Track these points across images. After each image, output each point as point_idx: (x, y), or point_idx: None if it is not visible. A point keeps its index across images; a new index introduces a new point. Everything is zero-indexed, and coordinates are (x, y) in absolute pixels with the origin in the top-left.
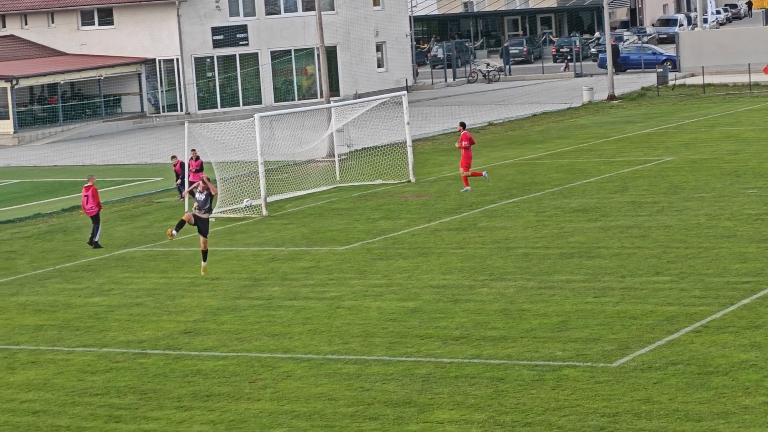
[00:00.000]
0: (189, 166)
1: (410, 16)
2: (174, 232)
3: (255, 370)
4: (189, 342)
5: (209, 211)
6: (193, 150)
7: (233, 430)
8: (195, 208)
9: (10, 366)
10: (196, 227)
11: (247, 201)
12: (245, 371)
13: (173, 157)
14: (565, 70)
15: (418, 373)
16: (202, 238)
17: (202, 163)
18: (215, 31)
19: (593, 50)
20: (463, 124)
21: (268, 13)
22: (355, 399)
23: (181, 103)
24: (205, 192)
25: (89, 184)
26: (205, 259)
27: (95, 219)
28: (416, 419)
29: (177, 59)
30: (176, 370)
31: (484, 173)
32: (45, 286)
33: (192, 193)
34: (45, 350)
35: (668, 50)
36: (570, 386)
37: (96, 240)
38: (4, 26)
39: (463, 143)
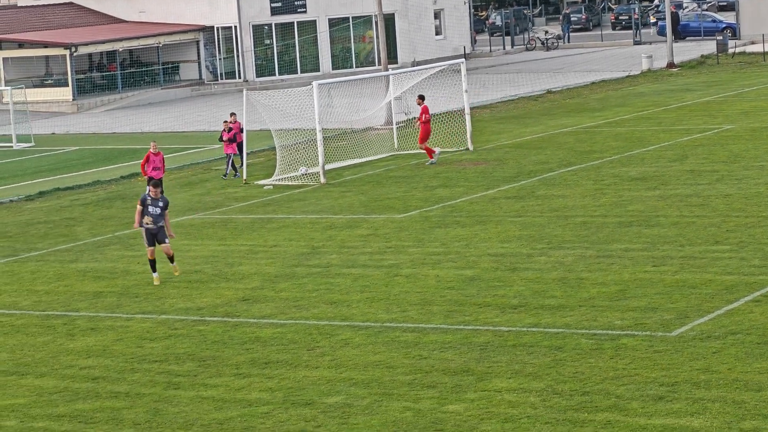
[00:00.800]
0: (227, 131)
1: None
2: (155, 275)
3: (313, 337)
4: (247, 309)
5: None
6: (233, 114)
7: (291, 398)
8: (147, 224)
9: (69, 332)
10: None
11: (303, 169)
12: (303, 339)
13: (232, 114)
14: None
15: (476, 341)
16: (163, 248)
17: (240, 127)
18: None
19: (652, 18)
20: (422, 97)
21: None
22: (413, 367)
23: (239, 71)
24: (161, 204)
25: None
26: (173, 261)
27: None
28: (474, 388)
29: (235, 27)
30: (234, 337)
31: (434, 158)
32: (104, 253)
33: (145, 209)
34: (104, 317)
35: (728, 18)
36: (628, 355)
37: None
38: None
39: (424, 117)
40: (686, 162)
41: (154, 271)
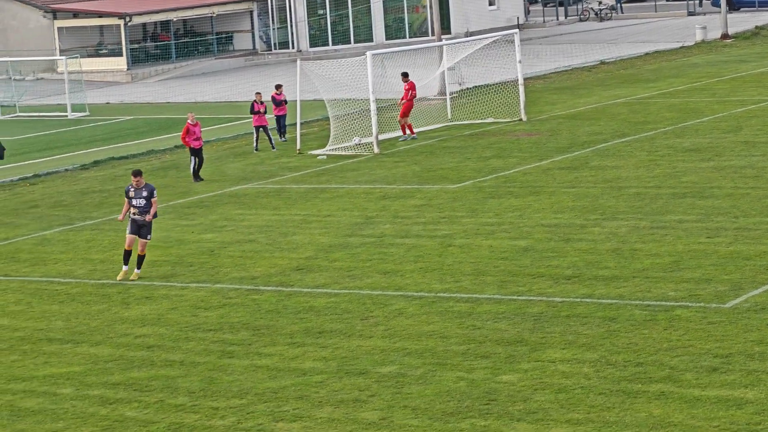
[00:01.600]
0: (253, 108)
1: None
2: (125, 268)
3: (367, 307)
4: (301, 279)
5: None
6: (278, 86)
7: (345, 367)
8: (134, 214)
9: (124, 301)
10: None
11: (357, 139)
12: (357, 308)
13: (278, 86)
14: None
15: (530, 312)
16: (141, 242)
17: (285, 99)
18: None
19: None
20: (406, 75)
21: None
22: (467, 337)
23: (292, 41)
24: (145, 193)
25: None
26: (139, 266)
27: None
28: (527, 358)
29: None
30: (288, 306)
31: (407, 136)
32: (158, 222)
33: (129, 200)
34: (159, 286)
35: None
36: (682, 327)
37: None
38: None
39: (411, 94)
40: (740, 133)
41: (126, 263)
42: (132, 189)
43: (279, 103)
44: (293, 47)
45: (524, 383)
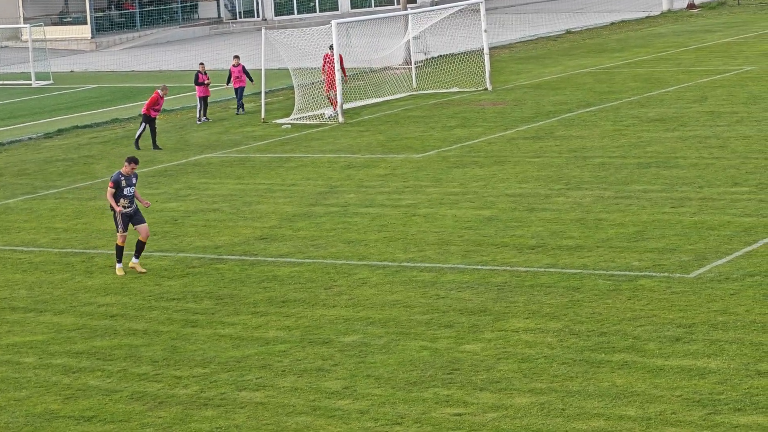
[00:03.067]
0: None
1: None
2: (119, 265)
3: (330, 276)
4: (265, 248)
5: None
6: (236, 57)
7: (308, 336)
8: (125, 207)
9: (87, 270)
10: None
11: (329, 112)
12: (321, 278)
13: (236, 57)
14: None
15: (494, 281)
16: (143, 228)
17: (244, 68)
18: None
19: None
20: (331, 47)
21: None
22: (430, 307)
23: (257, 9)
24: (134, 180)
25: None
26: (138, 255)
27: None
28: (491, 327)
29: None
30: (252, 275)
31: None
32: None
33: (119, 191)
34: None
35: None
36: (646, 296)
37: (136, 139)
38: None
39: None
40: (706, 103)
41: (120, 260)
42: (123, 177)
43: (237, 75)
44: (258, 16)
45: (487, 353)
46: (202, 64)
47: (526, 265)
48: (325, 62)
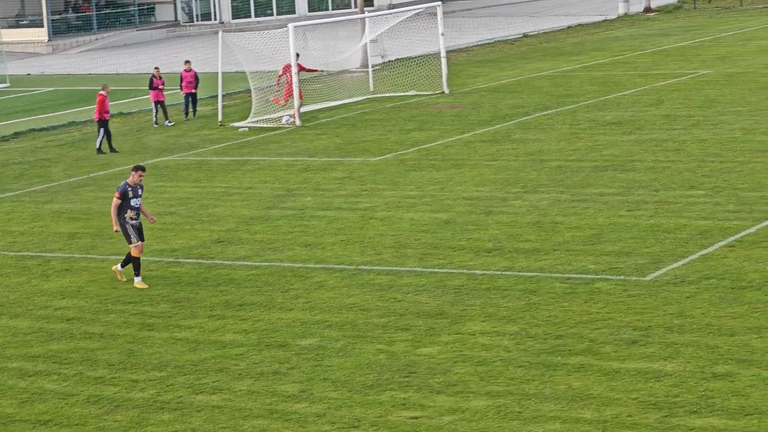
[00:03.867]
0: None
1: None
2: (138, 279)
3: (287, 279)
4: (222, 251)
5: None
6: (187, 62)
7: (265, 339)
8: (131, 219)
9: (44, 273)
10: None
11: (287, 117)
12: (278, 281)
13: (187, 62)
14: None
15: (451, 284)
16: (142, 244)
17: (196, 74)
18: None
19: None
20: (297, 55)
21: None
22: (387, 310)
23: (214, 12)
24: (140, 191)
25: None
26: (124, 265)
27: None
28: (448, 330)
29: None
30: (209, 279)
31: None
32: (79, 194)
33: (126, 203)
34: (79, 258)
35: None
36: (602, 299)
37: (98, 147)
38: None
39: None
40: (662, 107)
41: (138, 273)
42: (129, 188)
43: (189, 80)
44: (215, 19)
45: (444, 356)
46: (156, 68)
47: (483, 268)
48: (285, 71)
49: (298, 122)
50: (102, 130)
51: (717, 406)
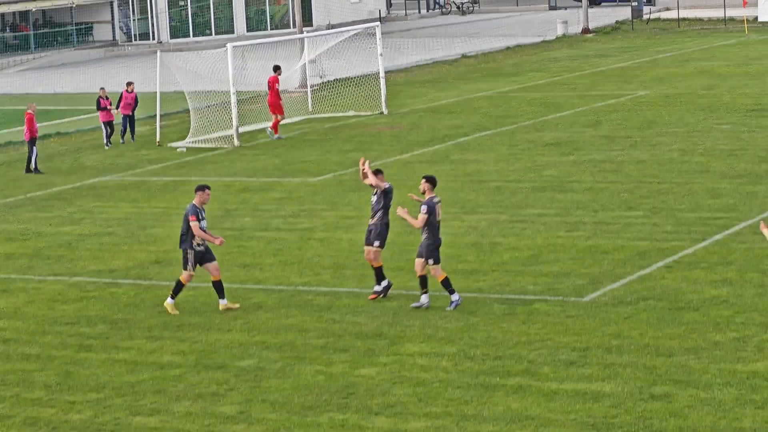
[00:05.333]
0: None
1: None
2: (171, 301)
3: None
4: (160, 272)
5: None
6: (129, 83)
7: (203, 361)
8: (198, 245)
9: None
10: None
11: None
12: (216, 302)
13: (130, 83)
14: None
15: (389, 305)
16: (213, 266)
17: (136, 96)
18: None
19: None
20: (276, 68)
21: None
22: (326, 331)
23: (153, 32)
24: (204, 213)
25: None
26: (223, 295)
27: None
28: (387, 351)
29: None
30: (147, 300)
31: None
32: (16, 215)
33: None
34: (16, 278)
35: None
36: (541, 320)
37: (31, 167)
38: None
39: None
40: (600, 128)
41: (174, 296)
42: (198, 209)
43: (129, 101)
44: (154, 38)
45: (383, 377)
46: (102, 89)
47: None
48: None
49: (236, 142)
50: (33, 149)
51: (655, 427)
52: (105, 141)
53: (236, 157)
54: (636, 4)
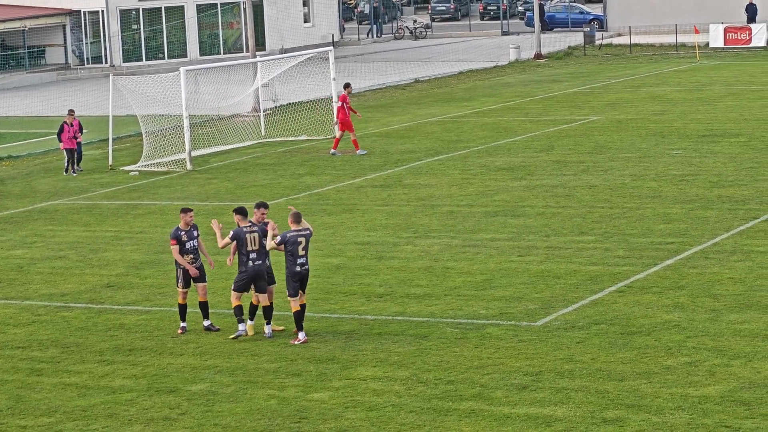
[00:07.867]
0: (63, 130)
1: None
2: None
3: (178, 324)
4: (112, 296)
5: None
6: (71, 111)
7: (155, 385)
8: (190, 261)
9: None
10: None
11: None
12: (168, 326)
13: (70, 111)
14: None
15: (342, 329)
16: (200, 287)
17: (80, 123)
18: None
19: (520, 8)
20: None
21: None
22: (278, 355)
23: (105, 56)
24: (195, 233)
25: None
26: (207, 316)
27: None
28: (339, 376)
29: (102, 11)
30: (99, 323)
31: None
32: None
33: (181, 246)
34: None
35: (595, 10)
36: (493, 345)
37: None
38: None
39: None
40: (552, 153)
41: (184, 319)
42: (183, 232)
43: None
44: (106, 62)
45: (335, 401)
46: (71, 111)
47: (375, 314)
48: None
49: (189, 166)
50: None
51: None
52: (73, 167)
53: (189, 180)
54: (588, 30)
